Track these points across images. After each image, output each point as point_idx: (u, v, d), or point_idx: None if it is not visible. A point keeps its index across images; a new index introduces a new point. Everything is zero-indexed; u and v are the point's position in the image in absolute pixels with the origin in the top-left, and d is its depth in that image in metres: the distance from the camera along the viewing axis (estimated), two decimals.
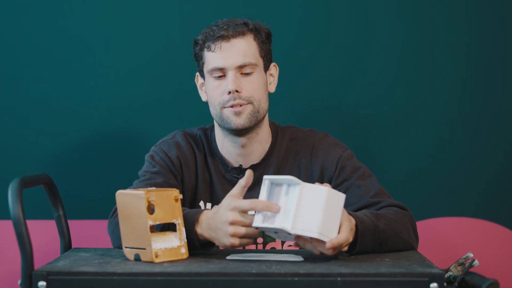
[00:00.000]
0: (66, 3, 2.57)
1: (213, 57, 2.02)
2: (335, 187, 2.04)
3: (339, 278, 1.56)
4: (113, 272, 1.58)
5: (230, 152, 2.09)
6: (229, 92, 2.01)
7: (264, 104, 2.06)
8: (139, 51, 2.58)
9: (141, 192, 1.67)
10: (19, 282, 1.59)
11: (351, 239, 1.74)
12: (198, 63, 2.09)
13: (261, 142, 2.10)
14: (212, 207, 2.08)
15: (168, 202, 1.71)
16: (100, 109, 2.57)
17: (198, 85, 2.14)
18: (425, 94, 2.59)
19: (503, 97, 2.59)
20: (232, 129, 2.03)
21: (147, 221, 1.66)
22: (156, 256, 1.67)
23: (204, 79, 2.09)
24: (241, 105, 2.01)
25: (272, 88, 2.13)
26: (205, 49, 2.04)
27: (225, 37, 2.01)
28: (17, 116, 2.57)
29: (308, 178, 2.08)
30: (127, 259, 1.70)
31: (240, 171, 2.08)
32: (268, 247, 2.10)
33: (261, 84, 2.06)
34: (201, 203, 2.09)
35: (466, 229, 2.57)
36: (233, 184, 2.00)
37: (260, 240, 2.10)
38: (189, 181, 2.09)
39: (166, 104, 2.58)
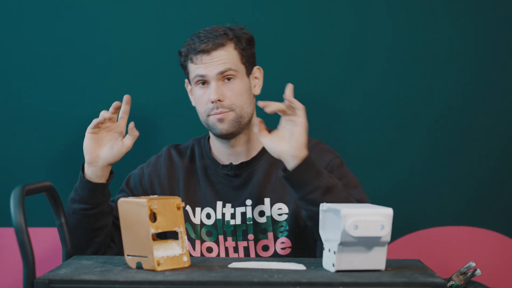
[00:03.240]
0: (68, 8, 2.57)
1: (196, 68, 2.13)
2: None
3: None
4: (115, 280, 1.57)
5: (222, 152, 2.20)
6: (212, 102, 2.11)
7: (247, 109, 2.15)
8: (142, 57, 2.58)
9: (143, 200, 1.67)
10: None
11: (304, 153, 1.93)
12: (185, 72, 2.20)
13: (251, 142, 2.19)
14: (201, 211, 2.18)
15: (170, 210, 1.72)
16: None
17: (188, 90, 2.25)
18: (428, 103, 2.59)
19: (505, 104, 2.59)
20: (217, 134, 2.14)
21: (149, 229, 1.66)
22: (158, 264, 1.67)
23: (191, 86, 2.20)
24: (222, 113, 2.11)
25: (257, 91, 2.21)
26: (189, 60, 2.15)
27: (205, 51, 2.12)
28: (20, 124, 2.57)
29: None
30: (129, 267, 1.70)
31: (231, 168, 2.17)
32: (259, 244, 2.14)
33: (243, 90, 2.15)
34: (188, 207, 2.18)
35: (468, 238, 2.57)
36: (221, 184, 2.17)
37: (251, 236, 2.15)
38: (166, 191, 2.21)
39: (169, 110, 2.59)
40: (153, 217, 1.68)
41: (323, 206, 1.69)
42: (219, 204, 2.17)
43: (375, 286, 1.56)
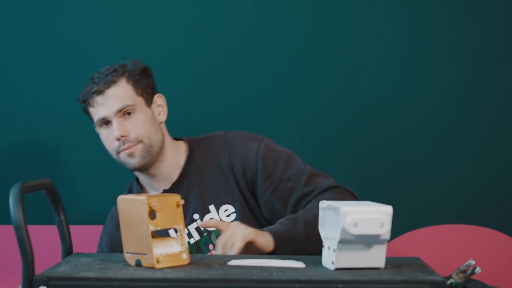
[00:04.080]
0: (68, 7, 2.57)
1: (95, 111, 2.17)
2: (262, 182, 2.13)
3: (340, 285, 1.55)
4: (114, 277, 1.57)
5: (150, 184, 2.22)
6: (117, 139, 2.13)
7: (155, 137, 2.17)
8: (141, 56, 2.58)
9: (142, 197, 1.67)
10: (20, 287, 1.59)
11: (271, 248, 1.92)
12: (89, 117, 2.21)
13: (172, 164, 2.20)
14: None
15: (170, 207, 1.71)
16: None
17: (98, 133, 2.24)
18: (428, 101, 2.59)
19: (506, 104, 2.58)
20: (131, 169, 2.17)
21: (148, 227, 1.66)
22: (158, 262, 1.66)
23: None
24: (131, 147, 2.14)
25: (163, 117, 2.24)
26: (88, 105, 2.17)
27: (98, 92, 2.14)
28: (19, 121, 2.57)
29: (233, 177, 2.16)
30: (128, 265, 1.70)
31: (164, 192, 2.19)
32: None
33: (146, 120, 2.16)
34: None
35: (468, 236, 2.57)
36: None
37: (211, 246, 2.19)
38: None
39: (169, 108, 2.59)
40: (152, 214, 1.68)
41: (323, 204, 1.69)
42: (171, 231, 2.16)
43: (374, 284, 1.56)
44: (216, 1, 2.59)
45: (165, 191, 2.19)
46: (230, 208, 2.17)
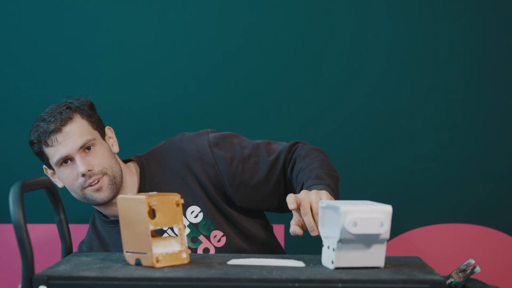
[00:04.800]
0: (68, 7, 2.57)
1: (54, 151, 2.12)
2: (228, 168, 2.15)
3: (340, 285, 1.55)
4: (113, 277, 1.57)
5: (112, 210, 2.20)
6: (83, 175, 2.10)
7: (116, 167, 2.17)
8: (141, 56, 2.58)
9: (142, 197, 1.67)
10: (19, 286, 1.59)
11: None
12: (42, 160, 2.18)
13: (130, 187, 2.20)
14: None
15: (170, 207, 1.71)
16: (102, 114, 2.57)
17: (49, 175, 2.22)
18: (427, 99, 2.59)
19: (506, 104, 2.58)
20: (99, 204, 2.16)
21: (148, 226, 1.66)
22: (157, 261, 1.66)
23: (53, 170, 2.18)
24: (98, 181, 2.13)
25: (116, 149, 2.24)
26: (43, 146, 2.13)
27: (56, 130, 2.11)
28: (19, 120, 2.57)
29: (192, 177, 2.16)
30: (128, 264, 1.70)
31: None
32: (199, 251, 2.17)
33: (106, 153, 2.17)
34: None
35: (468, 236, 2.57)
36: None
37: (189, 251, 2.15)
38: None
39: (168, 109, 2.59)
40: (152, 213, 1.68)
41: (322, 203, 1.69)
42: (167, 229, 2.15)
43: (374, 283, 1.56)
44: (216, 1, 2.59)
45: None
46: (196, 209, 2.17)
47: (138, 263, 1.69)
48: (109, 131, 2.23)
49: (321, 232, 1.70)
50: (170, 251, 1.69)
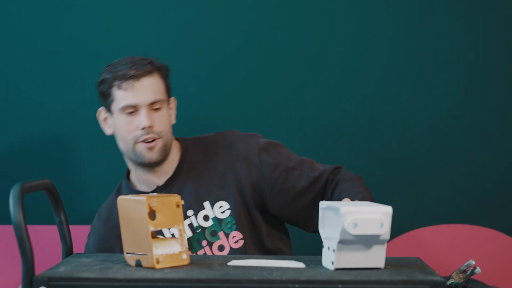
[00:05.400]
0: (68, 7, 2.57)
1: (125, 95, 2.13)
2: (271, 173, 2.17)
3: (340, 286, 1.55)
4: (114, 278, 1.57)
5: (146, 181, 2.21)
6: (143, 128, 2.12)
7: (170, 136, 2.19)
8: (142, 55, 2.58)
9: (142, 198, 1.67)
10: (19, 287, 1.59)
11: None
12: (104, 100, 2.18)
13: (169, 160, 2.20)
14: None
15: (170, 208, 1.72)
16: None
17: (100, 119, 2.23)
18: (427, 100, 2.59)
19: (506, 104, 2.58)
20: (145, 162, 2.16)
21: (148, 227, 1.66)
22: (157, 262, 1.66)
23: (111, 114, 2.18)
24: (153, 140, 2.14)
25: (173, 119, 2.24)
26: (115, 87, 2.14)
27: (135, 76, 2.12)
28: (19, 122, 2.57)
29: (232, 174, 2.18)
30: (128, 265, 1.70)
31: (159, 190, 2.19)
32: (214, 246, 2.18)
33: (168, 118, 2.19)
34: None
35: (468, 236, 2.57)
36: None
37: (204, 242, 2.19)
38: (116, 244, 2.19)
39: None
40: (152, 214, 1.68)
41: (322, 204, 1.69)
42: (164, 229, 2.15)
43: (374, 284, 1.56)
44: (216, 1, 2.59)
45: (158, 188, 2.19)
46: (225, 205, 2.18)
47: (138, 264, 1.69)
48: (173, 101, 2.24)
49: (321, 233, 1.70)
50: (170, 252, 1.69)
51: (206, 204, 2.18)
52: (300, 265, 1.72)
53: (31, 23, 2.57)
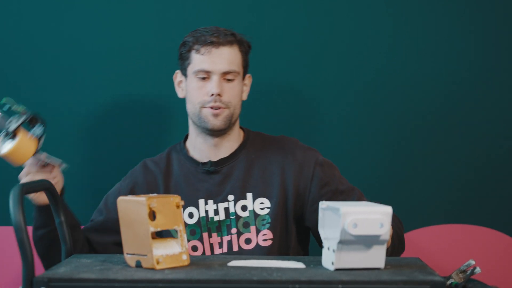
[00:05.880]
0: (68, 6, 2.57)
1: (201, 60, 2.18)
2: (318, 189, 2.20)
3: (340, 286, 1.55)
4: (114, 279, 1.58)
5: (202, 150, 2.24)
6: (212, 95, 2.16)
7: (238, 110, 2.23)
8: (141, 56, 2.58)
9: (142, 198, 1.67)
10: None
11: None
12: (182, 63, 2.23)
13: (231, 141, 2.24)
14: (183, 212, 2.20)
15: (170, 208, 1.72)
16: (103, 116, 2.57)
17: (176, 82, 2.28)
18: (427, 100, 2.59)
19: (506, 104, 2.58)
20: (208, 128, 2.19)
21: (148, 228, 1.66)
22: (158, 263, 1.67)
23: (185, 78, 2.23)
24: (219, 108, 2.17)
25: (245, 96, 2.28)
26: (194, 51, 2.19)
27: (215, 43, 2.17)
28: None
29: (282, 177, 2.21)
30: (128, 266, 1.70)
31: (211, 164, 2.22)
32: (242, 237, 2.19)
33: (239, 91, 2.22)
34: None
35: (468, 236, 2.57)
36: (202, 182, 2.21)
37: (234, 230, 2.20)
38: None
39: (168, 108, 2.58)
40: (152, 215, 1.68)
41: (322, 205, 1.69)
42: (201, 202, 2.20)
43: (374, 284, 1.56)
44: (216, 1, 2.59)
45: (210, 162, 2.21)
46: (266, 203, 2.20)
47: (138, 265, 1.69)
48: (248, 79, 2.29)
49: (321, 233, 1.70)
50: (170, 252, 1.69)
51: (249, 195, 2.20)
52: (300, 265, 1.72)
53: (31, 23, 2.57)
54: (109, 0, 2.58)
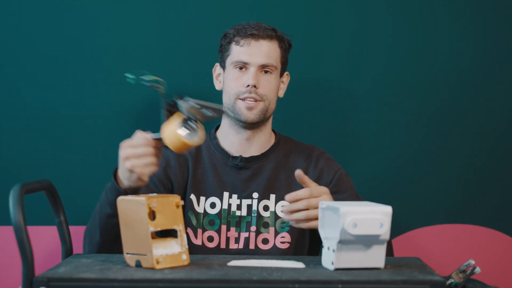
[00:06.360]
0: (68, 7, 2.57)
1: (240, 51, 2.21)
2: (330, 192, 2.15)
3: (340, 286, 1.55)
4: (114, 278, 1.58)
5: (233, 143, 2.25)
6: (248, 86, 2.18)
7: (272, 105, 2.25)
8: (141, 56, 2.58)
9: (142, 198, 1.67)
10: None
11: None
12: (222, 55, 2.26)
13: (262, 139, 2.26)
14: (206, 200, 2.21)
15: (169, 208, 1.72)
16: (103, 115, 2.57)
17: (214, 74, 2.32)
18: (427, 100, 2.59)
19: (506, 104, 2.58)
20: (241, 120, 2.21)
21: (148, 228, 1.66)
22: (157, 263, 1.67)
23: (223, 70, 2.26)
24: (255, 100, 2.19)
25: (281, 94, 2.33)
26: (233, 42, 2.22)
27: (255, 36, 2.20)
28: (19, 122, 2.57)
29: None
30: (128, 266, 1.71)
31: (241, 159, 2.23)
32: (260, 237, 2.20)
33: (275, 86, 2.24)
34: (192, 196, 2.21)
35: (468, 236, 2.57)
36: (229, 175, 2.21)
37: (253, 228, 2.20)
38: (180, 180, 2.22)
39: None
40: (152, 215, 1.68)
41: (322, 204, 1.69)
42: (225, 194, 2.21)
43: (374, 284, 1.56)
44: (216, 1, 2.59)
45: (241, 159, 2.22)
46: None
47: (138, 264, 1.69)
48: (286, 76, 2.32)
49: (321, 233, 1.70)
50: (170, 252, 1.70)
51: (272, 197, 2.22)
52: (300, 265, 1.72)
53: (31, 23, 2.57)
54: (109, 0, 2.58)
